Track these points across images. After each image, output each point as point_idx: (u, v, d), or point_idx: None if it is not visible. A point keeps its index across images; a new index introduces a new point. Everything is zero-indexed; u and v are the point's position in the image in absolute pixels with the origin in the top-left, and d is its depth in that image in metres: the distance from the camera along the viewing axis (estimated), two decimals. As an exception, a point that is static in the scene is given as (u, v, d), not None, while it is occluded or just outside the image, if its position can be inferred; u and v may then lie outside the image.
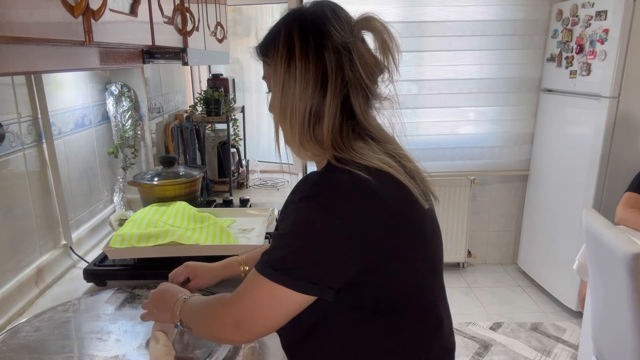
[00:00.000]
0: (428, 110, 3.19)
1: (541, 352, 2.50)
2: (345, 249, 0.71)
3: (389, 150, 0.80)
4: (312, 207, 0.72)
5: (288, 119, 0.79)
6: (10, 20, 0.53)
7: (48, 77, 1.31)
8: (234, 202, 1.78)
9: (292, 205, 0.75)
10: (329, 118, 0.77)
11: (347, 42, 0.77)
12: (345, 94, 0.78)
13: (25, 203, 1.22)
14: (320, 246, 0.71)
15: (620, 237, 1.44)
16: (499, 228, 3.49)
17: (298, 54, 0.77)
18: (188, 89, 2.64)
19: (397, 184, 0.76)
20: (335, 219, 0.70)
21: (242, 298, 0.76)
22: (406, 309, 0.78)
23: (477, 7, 3.00)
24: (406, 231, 0.75)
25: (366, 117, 0.81)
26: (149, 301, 0.96)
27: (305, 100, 0.77)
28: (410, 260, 0.77)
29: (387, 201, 0.73)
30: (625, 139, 2.55)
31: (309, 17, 0.79)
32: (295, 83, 0.77)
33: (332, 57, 0.77)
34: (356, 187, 0.72)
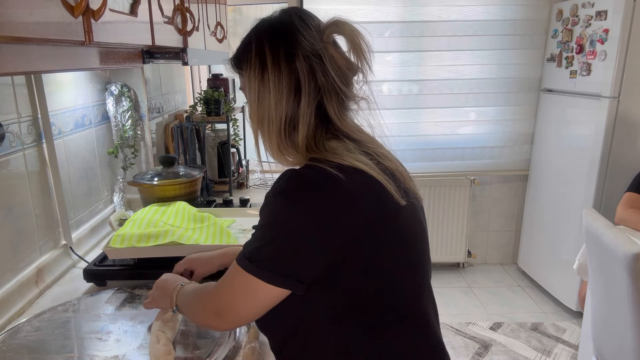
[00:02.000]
0: (428, 111, 3.19)
1: (541, 352, 2.50)
2: (309, 242, 0.72)
3: (367, 149, 0.81)
4: (279, 201, 0.75)
5: (266, 128, 0.81)
6: (10, 20, 0.53)
7: (48, 77, 1.31)
8: (234, 202, 1.78)
9: (265, 199, 0.78)
10: (304, 124, 0.79)
11: (317, 48, 0.78)
12: (319, 99, 0.80)
13: (25, 203, 1.22)
14: (287, 239, 0.73)
15: (620, 237, 1.44)
16: (499, 228, 3.49)
17: (270, 65, 0.78)
18: (188, 89, 2.64)
19: (371, 181, 0.76)
20: (298, 212, 0.72)
21: (223, 287, 0.80)
22: (385, 307, 0.78)
23: (478, 7, 3.00)
24: (377, 227, 0.75)
25: (342, 119, 0.82)
26: (153, 289, 1.00)
27: (280, 110, 0.79)
28: (384, 258, 0.77)
29: (355, 196, 0.74)
30: (625, 139, 2.55)
31: (277, 27, 0.81)
32: (270, 94, 0.78)
33: (304, 65, 0.78)
34: (321, 181, 0.73)
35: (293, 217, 0.73)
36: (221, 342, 0.94)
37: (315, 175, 0.74)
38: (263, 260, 0.74)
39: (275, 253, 0.74)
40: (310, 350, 0.81)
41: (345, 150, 0.78)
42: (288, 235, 0.73)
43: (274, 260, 0.74)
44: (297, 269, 0.73)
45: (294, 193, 0.74)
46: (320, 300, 0.76)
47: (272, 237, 0.75)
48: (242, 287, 0.76)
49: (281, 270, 0.73)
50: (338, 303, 0.76)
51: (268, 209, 0.76)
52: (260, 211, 0.79)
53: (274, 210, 0.75)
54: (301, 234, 0.72)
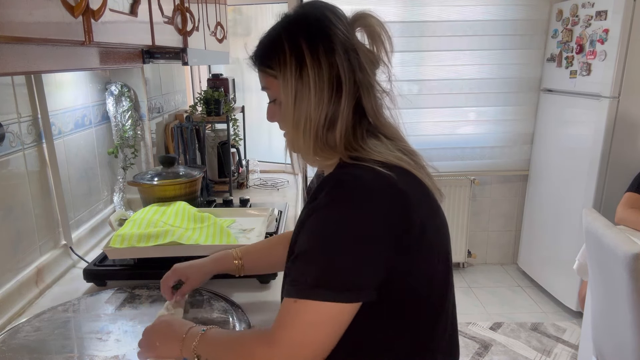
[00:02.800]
0: (428, 110, 3.19)
1: (541, 352, 2.50)
2: (380, 245, 0.68)
3: (401, 147, 0.79)
4: (342, 210, 0.69)
5: (302, 129, 0.76)
6: (10, 20, 0.53)
7: (48, 77, 1.31)
8: (234, 202, 1.78)
9: (316, 213, 0.71)
10: (342, 123, 0.75)
11: (353, 43, 0.76)
12: (357, 96, 0.77)
13: (25, 203, 1.22)
14: (359, 248, 0.67)
15: (620, 237, 1.44)
16: (499, 228, 3.49)
17: (309, 62, 0.73)
18: (188, 89, 2.64)
19: (417, 180, 0.75)
20: (367, 216, 0.68)
21: (289, 330, 0.68)
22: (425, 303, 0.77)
23: (478, 7, 3.01)
24: (428, 226, 0.74)
25: (378, 116, 0.80)
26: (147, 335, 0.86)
27: (320, 109, 0.74)
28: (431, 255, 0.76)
29: (410, 197, 0.71)
30: (625, 139, 2.55)
31: (312, 21, 0.76)
32: (310, 93, 0.74)
33: (343, 60, 0.74)
34: (381, 182, 0.70)
35: (360, 224, 0.68)
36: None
37: (372, 177, 0.71)
38: (336, 281, 0.67)
39: (348, 267, 0.67)
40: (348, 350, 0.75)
41: (385, 148, 0.76)
42: (358, 244, 0.67)
43: (349, 275, 0.67)
44: (372, 277, 0.69)
45: (355, 198, 0.69)
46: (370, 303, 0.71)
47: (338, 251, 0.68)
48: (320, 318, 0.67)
49: (358, 284, 0.68)
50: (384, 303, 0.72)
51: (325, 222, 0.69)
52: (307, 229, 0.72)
53: (334, 221, 0.69)
54: (370, 239, 0.68)
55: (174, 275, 1.04)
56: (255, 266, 1.10)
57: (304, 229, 0.73)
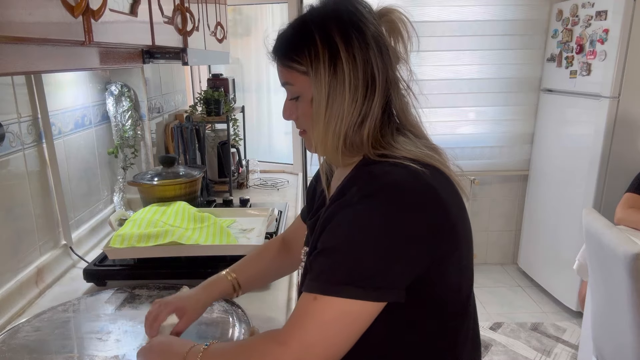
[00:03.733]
0: (428, 110, 3.17)
1: (541, 352, 2.50)
2: (413, 244, 0.65)
3: (426, 144, 0.77)
4: (378, 205, 0.65)
5: (331, 129, 0.72)
6: (10, 20, 0.53)
7: (48, 77, 1.31)
8: (234, 202, 1.78)
9: (347, 208, 0.67)
10: (372, 121, 0.72)
11: (385, 38, 0.74)
12: (388, 94, 0.75)
13: (25, 203, 1.22)
14: (392, 245, 0.64)
15: (620, 237, 1.44)
16: (499, 228, 3.49)
17: (344, 56, 0.70)
18: (188, 89, 2.64)
19: (446, 178, 0.73)
20: (402, 214, 0.65)
21: (305, 329, 0.64)
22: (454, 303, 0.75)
23: (477, 7, 3.01)
24: (458, 225, 0.71)
25: (406, 114, 0.78)
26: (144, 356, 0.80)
27: (354, 107, 0.71)
28: (460, 255, 0.73)
29: (444, 195, 0.69)
30: (625, 139, 2.55)
31: (344, 15, 0.72)
32: (344, 90, 0.70)
33: (377, 56, 0.71)
34: (416, 180, 0.68)
35: (393, 220, 0.65)
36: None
37: (406, 173, 0.68)
38: (365, 278, 0.64)
39: (379, 265, 0.64)
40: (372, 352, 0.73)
41: (415, 147, 0.73)
42: (391, 241, 0.64)
43: (379, 273, 0.64)
44: (401, 277, 0.66)
45: (389, 194, 0.66)
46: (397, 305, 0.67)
47: (370, 247, 0.64)
48: (341, 317, 0.64)
49: (388, 283, 0.65)
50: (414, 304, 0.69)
51: (358, 217, 0.66)
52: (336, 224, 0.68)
53: (367, 216, 0.65)
54: (404, 237, 0.65)
55: (168, 310, 0.89)
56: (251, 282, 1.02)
57: (331, 224, 0.69)
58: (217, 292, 0.96)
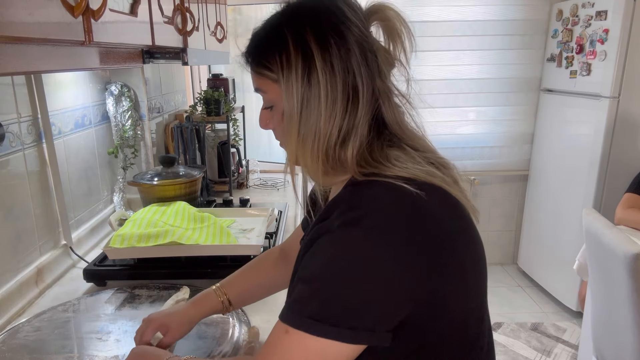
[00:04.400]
0: (428, 110, 3.18)
1: (541, 352, 2.50)
2: (403, 279, 0.57)
3: (430, 159, 0.67)
4: (358, 234, 0.57)
5: (309, 145, 0.63)
6: (10, 20, 0.53)
7: (48, 77, 1.31)
8: (234, 202, 1.78)
9: (326, 235, 0.59)
10: (357, 137, 0.63)
11: (372, 42, 0.64)
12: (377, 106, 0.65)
13: (25, 203, 1.22)
14: (375, 281, 0.56)
15: (620, 237, 1.44)
16: (499, 228, 3.49)
17: (320, 64, 0.60)
18: (188, 89, 2.64)
19: (450, 199, 0.63)
20: (389, 244, 0.56)
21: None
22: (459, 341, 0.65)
23: (477, 7, 3.01)
24: (461, 256, 0.62)
25: (401, 125, 0.68)
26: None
27: (332, 122, 0.61)
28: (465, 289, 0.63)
29: (443, 220, 0.61)
30: (625, 139, 2.55)
31: (322, 15, 0.62)
32: (320, 102, 0.61)
33: (361, 64, 0.62)
34: (406, 205, 0.59)
35: (383, 253, 0.56)
36: (221, 342, 0.94)
37: (394, 197, 0.59)
38: (339, 316, 0.56)
39: (359, 302, 0.56)
40: None
41: (413, 162, 0.64)
42: (378, 277, 0.56)
43: (356, 312, 0.56)
44: (386, 318, 0.57)
45: (378, 222, 0.57)
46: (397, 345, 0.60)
47: (351, 283, 0.56)
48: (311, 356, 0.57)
49: (366, 324, 0.56)
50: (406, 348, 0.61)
51: (336, 247, 0.58)
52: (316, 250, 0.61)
53: (350, 247, 0.57)
54: (395, 273, 0.56)
55: (151, 326, 0.85)
56: (243, 297, 0.96)
57: (311, 249, 0.62)
58: (206, 308, 0.91)
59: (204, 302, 0.91)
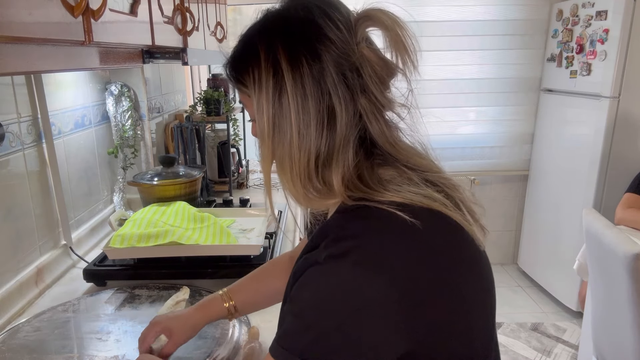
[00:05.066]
0: (428, 110, 3.17)
1: (541, 352, 2.50)
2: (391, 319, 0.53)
3: (430, 178, 0.62)
4: (346, 268, 0.53)
5: (287, 170, 0.59)
6: (10, 20, 0.53)
7: (48, 77, 1.31)
8: (234, 202, 1.78)
9: (315, 267, 0.56)
10: (340, 161, 0.58)
11: (353, 58, 0.58)
12: (361, 127, 0.59)
13: (25, 203, 1.22)
14: (365, 318, 0.52)
15: (620, 237, 1.44)
16: (499, 228, 3.49)
17: (290, 86, 0.56)
18: (188, 89, 2.64)
19: (450, 226, 0.59)
20: (380, 279, 0.52)
21: None
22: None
23: (477, 7, 3.00)
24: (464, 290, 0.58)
25: (395, 144, 0.62)
26: None
27: (306, 148, 0.57)
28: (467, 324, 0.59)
29: (439, 250, 0.57)
30: (625, 139, 2.55)
31: (295, 27, 0.58)
32: (292, 126, 0.57)
33: (337, 84, 0.57)
34: (396, 234, 0.55)
35: (364, 290, 0.52)
36: (221, 342, 0.94)
37: (386, 226, 0.55)
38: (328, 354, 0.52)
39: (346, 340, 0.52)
40: None
41: (406, 184, 0.58)
42: (369, 313, 0.52)
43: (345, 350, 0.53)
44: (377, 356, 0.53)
45: (364, 253, 0.54)
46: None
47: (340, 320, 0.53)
48: None
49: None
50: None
51: (324, 280, 0.55)
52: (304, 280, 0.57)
53: (339, 281, 0.54)
54: (387, 308, 0.52)
55: (154, 330, 0.85)
56: (250, 304, 0.94)
57: (299, 281, 0.58)
58: (212, 314, 0.89)
59: (210, 307, 0.89)
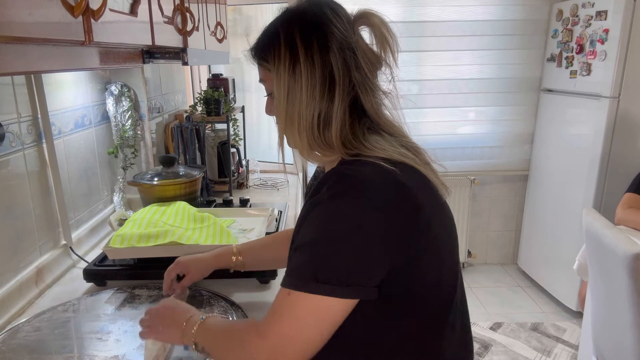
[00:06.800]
0: (428, 110, 3.19)
1: (541, 352, 2.50)
2: (383, 242, 0.68)
3: (404, 143, 0.79)
4: (345, 204, 0.68)
5: (295, 125, 0.76)
6: (10, 20, 0.53)
7: (48, 77, 1.31)
8: (234, 202, 1.78)
9: (319, 206, 0.70)
10: (337, 121, 0.75)
11: (350, 41, 0.76)
12: (353, 95, 0.77)
13: (25, 203, 1.22)
14: (361, 243, 0.67)
15: (620, 237, 1.44)
16: (499, 228, 3.49)
17: (302, 58, 0.74)
18: (188, 89, 2.64)
19: (419, 176, 0.75)
20: (367, 212, 0.67)
21: (281, 323, 0.69)
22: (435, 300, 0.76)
23: (477, 7, 3.00)
24: (432, 222, 0.73)
25: (379, 114, 0.80)
26: (151, 317, 0.88)
27: (312, 107, 0.75)
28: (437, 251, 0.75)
29: (414, 192, 0.71)
30: (625, 139, 2.55)
31: (309, 18, 0.77)
32: (302, 89, 0.74)
33: (338, 58, 0.75)
34: (385, 178, 0.70)
35: (362, 218, 0.67)
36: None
37: (374, 172, 0.70)
38: (335, 275, 0.66)
39: (348, 262, 0.67)
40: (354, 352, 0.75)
41: (388, 145, 0.75)
42: (360, 239, 0.67)
43: (348, 270, 0.67)
44: (372, 274, 0.68)
45: (358, 192, 0.68)
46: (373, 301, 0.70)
47: (342, 246, 0.67)
48: (310, 313, 0.67)
49: (357, 280, 0.67)
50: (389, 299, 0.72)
51: (327, 215, 0.69)
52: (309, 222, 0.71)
53: (337, 214, 0.68)
54: (374, 235, 0.67)
55: (176, 267, 1.07)
56: (256, 262, 1.12)
57: (306, 221, 0.72)
58: (222, 263, 1.09)
59: (222, 257, 1.09)
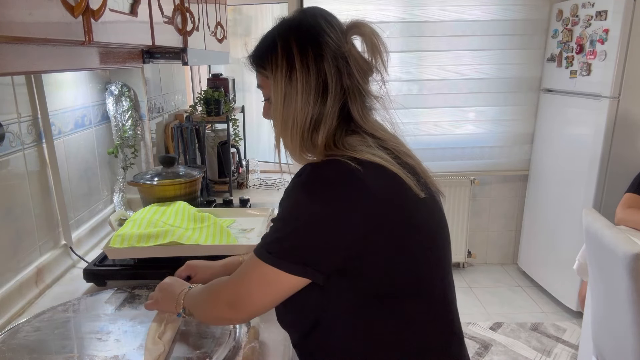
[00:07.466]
0: (428, 110, 3.18)
1: (541, 352, 2.50)
2: (329, 232, 0.74)
3: (387, 146, 0.83)
4: (300, 194, 0.77)
5: (289, 129, 0.81)
6: (10, 20, 0.53)
7: (48, 77, 1.31)
8: (234, 202, 1.78)
9: (285, 193, 0.79)
10: (325, 125, 0.80)
11: (343, 50, 0.80)
12: (343, 100, 0.81)
13: (25, 203, 1.22)
14: (307, 230, 0.75)
15: (620, 237, 1.44)
16: (499, 228, 3.49)
17: (298, 66, 0.79)
18: (188, 89, 2.64)
19: (388, 174, 0.78)
20: (318, 203, 0.74)
21: (239, 278, 0.82)
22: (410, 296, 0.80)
23: (477, 7, 3.00)
24: (396, 217, 0.76)
25: (365, 120, 0.84)
26: (156, 291, 1.00)
27: (306, 111, 0.80)
28: (404, 246, 0.78)
29: (373, 187, 0.75)
30: (625, 139, 2.55)
31: (304, 28, 0.81)
32: (297, 95, 0.79)
33: (332, 66, 0.79)
34: (339, 173, 0.75)
35: (313, 209, 0.74)
36: (221, 342, 0.95)
37: (333, 168, 0.76)
38: (282, 251, 0.75)
39: (295, 243, 0.75)
40: (332, 342, 0.82)
41: (363, 146, 0.79)
42: (308, 226, 0.75)
43: (294, 250, 0.75)
44: (316, 259, 0.75)
45: (314, 185, 0.76)
46: (341, 290, 0.78)
47: (291, 228, 0.76)
48: (261, 278, 0.78)
49: (300, 260, 0.75)
50: (360, 292, 0.78)
51: (288, 201, 0.78)
52: (279, 205, 0.80)
53: (295, 202, 0.77)
54: (321, 224, 0.74)
55: (186, 269, 1.12)
56: None
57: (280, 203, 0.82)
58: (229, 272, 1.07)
59: (229, 267, 1.11)
